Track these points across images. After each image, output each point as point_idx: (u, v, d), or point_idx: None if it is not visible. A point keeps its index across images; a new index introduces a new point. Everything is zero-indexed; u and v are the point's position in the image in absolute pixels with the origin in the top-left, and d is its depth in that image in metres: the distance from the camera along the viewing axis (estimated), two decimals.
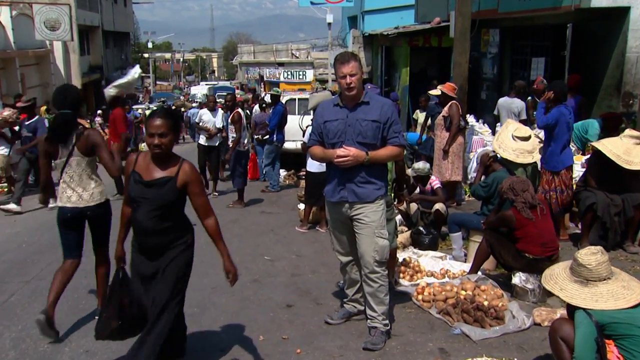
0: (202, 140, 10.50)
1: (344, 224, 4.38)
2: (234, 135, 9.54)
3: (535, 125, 7.80)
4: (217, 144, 10.50)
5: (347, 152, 4.08)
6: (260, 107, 12.99)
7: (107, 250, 4.65)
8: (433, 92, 9.66)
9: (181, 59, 78.35)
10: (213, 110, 10.54)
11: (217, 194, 10.48)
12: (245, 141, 9.78)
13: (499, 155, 6.52)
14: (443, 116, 8.59)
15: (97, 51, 28.79)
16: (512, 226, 5.18)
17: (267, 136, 11.14)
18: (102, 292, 4.56)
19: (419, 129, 11.34)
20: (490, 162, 6.46)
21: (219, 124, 10.42)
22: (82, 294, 5.40)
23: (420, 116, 11.85)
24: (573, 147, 8.34)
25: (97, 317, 3.96)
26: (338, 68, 4.14)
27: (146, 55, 62.90)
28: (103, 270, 4.66)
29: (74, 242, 4.49)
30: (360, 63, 4.23)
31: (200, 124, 10.51)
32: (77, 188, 4.41)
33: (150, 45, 57.38)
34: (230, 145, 9.61)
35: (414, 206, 7.42)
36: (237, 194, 9.76)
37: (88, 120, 20.62)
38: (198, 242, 7.82)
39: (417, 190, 7.62)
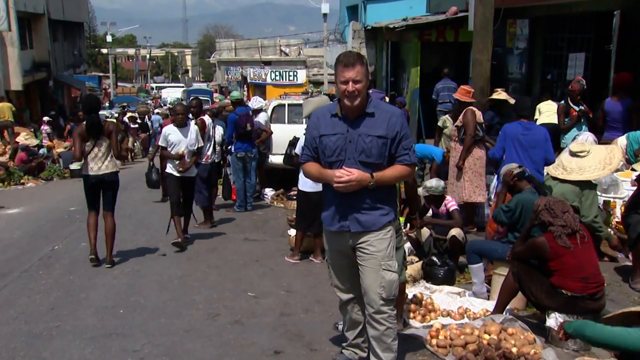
0: (172, 169, 8.71)
1: (345, 255, 4.39)
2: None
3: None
4: (194, 174, 9.04)
5: (349, 176, 4.08)
6: None
7: (114, 209, 7.85)
8: (495, 95, 9.84)
9: (147, 56, 78.62)
10: (184, 126, 8.76)
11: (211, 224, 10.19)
12: (209, 152, 10.09)
13: (526, 172, 6.48)
14: (456, 126, 8.63)
15: (43, 45, 28.47)
16: (545, 256, 5.16)
17: (230, 147, 11.51)
18: (110, 244, 7.82)
19: (443, 143, 11.03)
20: (514, 181, 6.39)
21: (193, 144, 8.74)
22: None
23: (450, 126, 10.95)
24: (622, 160, 8.37)
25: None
26: (340, 71, 4.14)
27: (104, 50, 63.06)
28: (110, 225, 7.78)
29: (96, 200, 7.75)
30: (367, 67, 4.22)
31: (169, 148, 8.64)
32: (99, 162, 7.58)
33: (109, 38, 57.49)
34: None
35: (425, 232, 7.44)
36: (203, 213, 10.17)
37: (31, 129, 20.61)
38: (168, 275, 7.86)
39: (430, 212, 7.64)
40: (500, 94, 10.25)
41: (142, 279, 7.30)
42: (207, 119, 10.25)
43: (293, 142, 10.28)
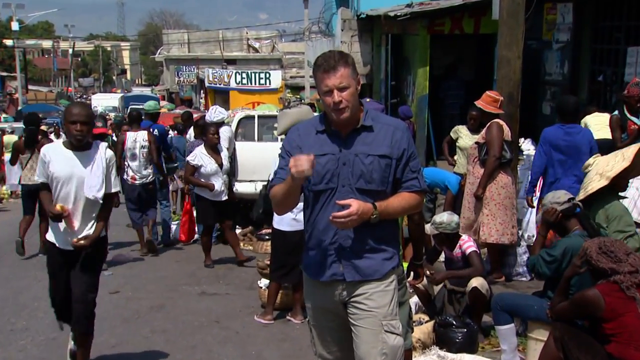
0: (56, 232, 6.24)
1: (333, 314, 4.38)
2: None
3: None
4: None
5: (349, 210, 3.97)
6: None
7: None
8: None
9: (70, 51, 78.53)
10: (85, 148, 6.14)
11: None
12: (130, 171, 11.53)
13: (577, 208, 6.33)
14: (477, 143, 8.67)
15: None
16: (599, 315, 5.12)
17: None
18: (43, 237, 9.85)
19: (459, 164, 10.87)
20: (559, 219, 6.28)
21: (96, 186, 6.10)
22: None
23: (464, 137, 10.90)
24: None
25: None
26: (320, 79, 4.15)
27: (9, 42, 62.92)
28: (45, 225, 10.06)
29: (32, 206, 11.51)
30: (355, 66, 4.24)
31: (55, 191, 6.13)
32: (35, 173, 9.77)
33: (16, 26, 57.27)
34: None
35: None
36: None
37: None
38: (97, 343, 7.75)
39: (442, 256, 7.68)
40: None
41: (60, 350, 7.10)
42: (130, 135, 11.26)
43: None
